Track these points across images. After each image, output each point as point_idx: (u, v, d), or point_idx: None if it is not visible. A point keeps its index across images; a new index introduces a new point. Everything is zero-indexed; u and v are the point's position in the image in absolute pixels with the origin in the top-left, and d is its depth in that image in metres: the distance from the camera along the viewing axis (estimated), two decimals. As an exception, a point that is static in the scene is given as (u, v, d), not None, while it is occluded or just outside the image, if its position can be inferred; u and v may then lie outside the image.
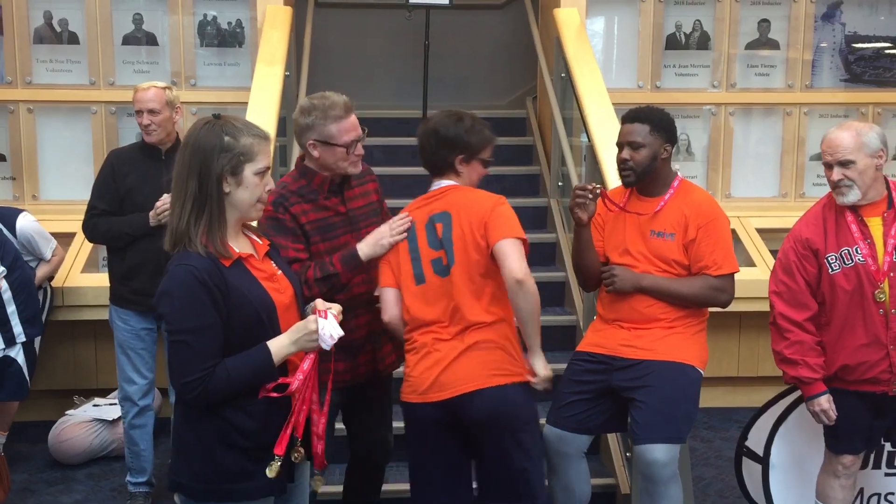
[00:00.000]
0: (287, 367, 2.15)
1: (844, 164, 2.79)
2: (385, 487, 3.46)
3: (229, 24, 5.12)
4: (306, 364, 2.11)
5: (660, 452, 2.80)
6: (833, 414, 2.84)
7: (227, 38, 5.14)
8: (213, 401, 2.04)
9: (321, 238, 2.73)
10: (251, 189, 2.10)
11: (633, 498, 3.39)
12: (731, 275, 2.94)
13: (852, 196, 2.80)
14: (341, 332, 2.12)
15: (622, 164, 2.96)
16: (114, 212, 3.49)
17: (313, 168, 2.76)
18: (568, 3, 4.87)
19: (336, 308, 2.17)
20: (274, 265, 2.22)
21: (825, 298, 2.83)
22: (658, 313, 2.92)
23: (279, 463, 2.09)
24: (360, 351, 2.80)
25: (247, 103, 4.15)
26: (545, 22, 5.30)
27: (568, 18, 4.79)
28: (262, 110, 4.00)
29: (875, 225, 2.82)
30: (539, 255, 4.76)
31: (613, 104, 4.26)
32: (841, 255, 2.80)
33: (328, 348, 2.11)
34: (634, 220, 2.98)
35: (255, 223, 2.31)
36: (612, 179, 3.54)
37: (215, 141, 2.06)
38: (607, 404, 2.96)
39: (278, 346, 2.08)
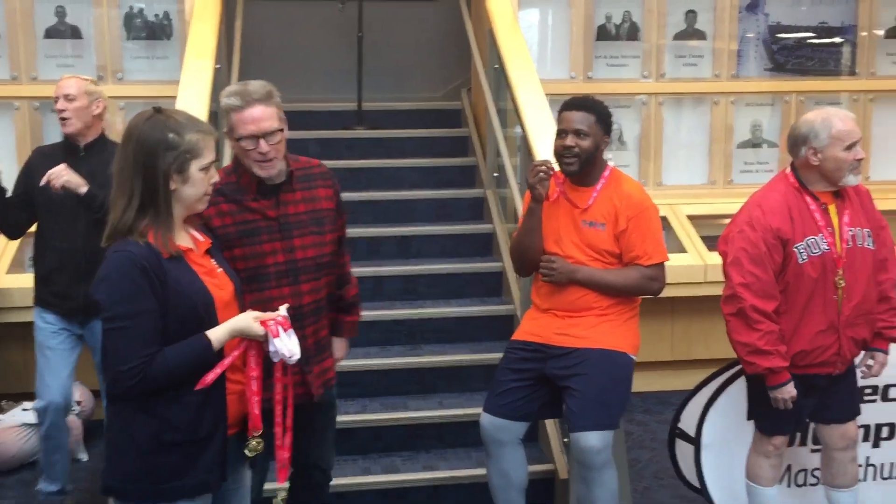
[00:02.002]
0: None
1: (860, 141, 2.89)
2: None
3: (157, 16, 5.01)
4: (242, 345, 2.10)
5: (594, 439, 2.86)
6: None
7: (155, 31, 5.02)
8: (151, 390, 2.01)
9: (239, 243, 2.52)
10: (197, 185, 2.10)
11: (571, 483, 3.44)
12: (662, 263, 3.01)
13: (860, 174, 2.90)
14: (297, 351, 2.12)
15: (567, 151, 2.94)
16: (21, 205, 3.42)
17: (241, 165, 2.55)
18: (500, -5, 4.89)
19: (282, 313, 2.13)
20: (214, 262, 2.20)
21: (787, 286, 2.87)
22: (591, 302, 2.97)
23: (256, 441, 2.12)
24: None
25: (176, 97, 4.07)
26: (478, 13, 5.32)
27: (500, 10, 4.80)
28: (192, 104, 3.92)
29: (833, 212, 2.90)
30: (476, 246, 4.80)
31: (546, 95, 4.30)
32: (807, 244, 2.85)
33: (292, 364, 2.13)
34: (568, 209, 3.02)
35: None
36: (545, 169, 3.58)
37: (160, 138, 2.04)
38: (542, 391, 3.01)
39: (218, 335, 2.07)
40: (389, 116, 5.69)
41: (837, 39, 5.48)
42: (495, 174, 4.91)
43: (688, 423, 3.39)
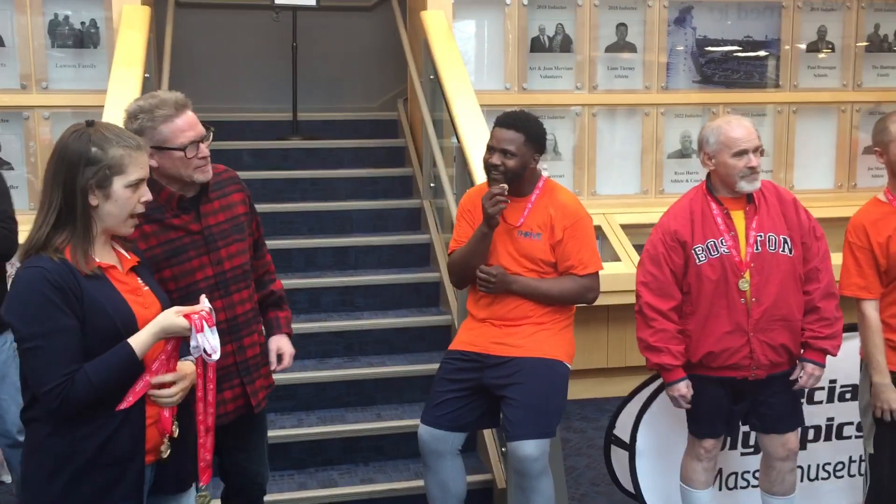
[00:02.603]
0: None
1: (757, 150, 2.92)
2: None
3: (83, 24, 4.89)
4: (170, 345, 2.04)
5: (531, 447, 2.88)
6: (690, 398, 2.96)
7: (81, 39, 4.90)
8: (76, 409, 1.92)
9: (167, 264, 2.45)
10: (121, 203, 2.02)
11: (509, 492, 3.45)
12: (597, 273, 3.05)
13: (758, 182, 2.94)
14: (219, 348, 2.04)
15: (493, 168, 2.97)
16: None
17: (158, 181, 2.44)
18: (435, 6, 4.90)
19: (205, 307, 2.06)
20: (140, 280, 2.13)
21: (691, 288, 2.94)
22: (528, 311, 2.99)
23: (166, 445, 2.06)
24: (226, 384, 2.53)
25: (103, 106, 3.97)
26: (413, 24, 5.33)
27: (435, 21, 4.83)
28: (120, 114, 3.82)
29: (738, 218, 2.94)
30: (414, 256, 4.80)
31: (482, 105, 4.33)
32: (707, 246, 2.91)
33: (211, 362, 2.06)
34: (501, 220, 3.03)
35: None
36: (480, 178, 3.60)
37: (82, 151, 1.97)
38: (480, 401, 3.01)
39: (141, 339, 1.98)
40: (325, 127, 5.66)
41: (762, 53, 5.66)
42: (432, 184, 4.92)
43: (622, 429, 3.44)
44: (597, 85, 5.41)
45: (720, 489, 3.45)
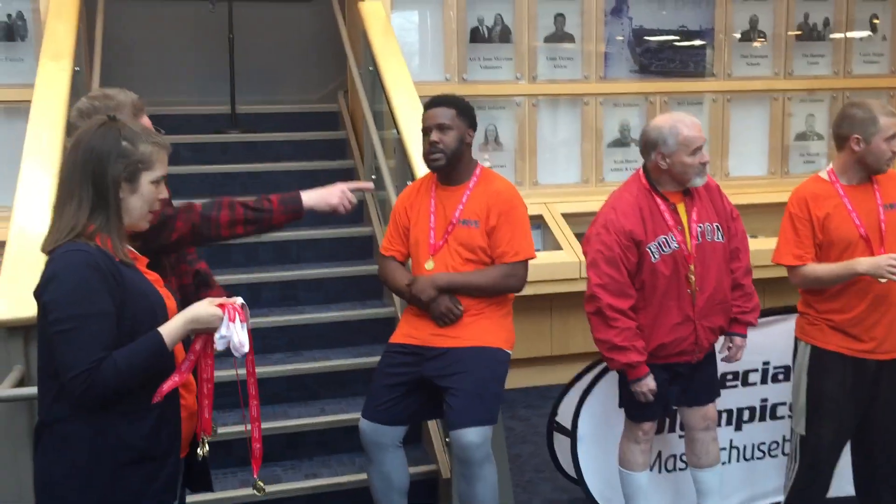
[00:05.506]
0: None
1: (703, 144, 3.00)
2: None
3: (9, 16, 4.74)
4: (198, 345, 2.00)
5: (472, 435, 2.89)
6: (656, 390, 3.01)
7: (8, 32, 4.75)
8: (101, 397, 1.87)
9: None
10: (145, 197, 2.01)
11: (454, 482, 3.47)
12: (525, 261, 3.06)
13: (707, 175, 3.03)
14: (247, 344, 2.00)
15: (432, 147, 2.98)
16: None
17: None
18: (373, -3, 4.88)
19: (239, 300, 2.03)
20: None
21: (644, 285, 2.98)
22: (465, 303, 3.00)
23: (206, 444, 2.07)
24: None
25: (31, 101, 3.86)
26: (351, 15, 5.29)
27: (373, 12, 4.80)
28: (49, 109, 3.73)
29: (681, 211, 3.01)
30: (356, 249, 4.77)
31: (421, 97, 4.29)
32: (658, 243, 2.96)
33: (239, 356, 2.02)
34: (441, 210, 3.03)
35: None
36: (421, 171, 3.60)
37: (112, 145, 1.95)
38: (420, 394, 3.02)
39: (171, 328, 1.95)
40: (264, 119, 5.59)
41: (696, 42, 5.76)
42: (373, 176, 4.89)
43: (564, 416, 3.49)
44: (536, 75, 5.45)
45: (659, 472, 3.52)
